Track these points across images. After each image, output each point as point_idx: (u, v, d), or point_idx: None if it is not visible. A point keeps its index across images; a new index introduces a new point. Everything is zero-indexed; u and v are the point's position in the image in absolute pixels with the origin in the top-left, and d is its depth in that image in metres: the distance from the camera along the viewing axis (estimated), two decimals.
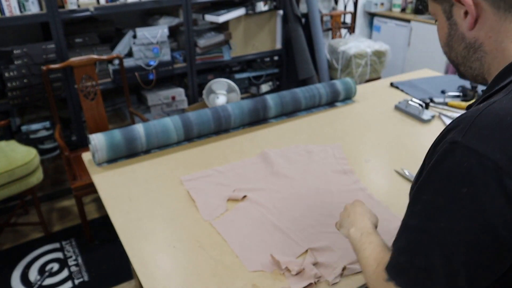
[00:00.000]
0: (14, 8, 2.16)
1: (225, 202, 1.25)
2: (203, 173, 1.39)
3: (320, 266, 1.00)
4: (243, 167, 1.43)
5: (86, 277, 2.08)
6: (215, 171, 1.40)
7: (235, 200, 1.25)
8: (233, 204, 1.24)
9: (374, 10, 4.25)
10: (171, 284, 0.96)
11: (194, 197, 1.27)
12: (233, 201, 1.25)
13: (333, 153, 1.48)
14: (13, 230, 2.41)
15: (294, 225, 1.14)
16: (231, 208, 1.22)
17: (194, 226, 1.15)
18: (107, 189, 1.32)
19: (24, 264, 2.16)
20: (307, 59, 3.20)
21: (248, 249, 1.07)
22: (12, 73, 2.19)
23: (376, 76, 3.49)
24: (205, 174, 1.39)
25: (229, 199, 1.26)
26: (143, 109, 2.92)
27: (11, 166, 2.00)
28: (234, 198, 1.26)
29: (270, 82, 3.35)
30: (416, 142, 1.60)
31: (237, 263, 1.02)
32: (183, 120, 1.56)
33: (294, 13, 3.11)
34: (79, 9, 2.32)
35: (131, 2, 2.46)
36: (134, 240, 1.09)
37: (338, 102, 1.93)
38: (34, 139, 2.46)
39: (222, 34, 2.91)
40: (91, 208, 2.60)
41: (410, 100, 1.80)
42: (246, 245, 1.08)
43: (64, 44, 2.33)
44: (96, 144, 1.41)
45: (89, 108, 2.35)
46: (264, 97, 1.73)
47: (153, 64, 2.64)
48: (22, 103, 2.29)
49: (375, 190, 1.30)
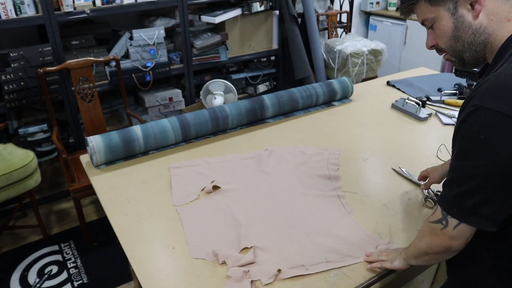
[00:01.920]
0: (10, 11, 2.16)
1: (199, 191, 1.29)
2: (192, 162, 1.43)
3: (257, 265, 1.00)
4: (232, 160, 1.46)
5: (85, 279, 2.08)
6: (203, 162, 1.44)
7: (209, 191, 1.29)
8: (206, 194, 1.28)
9: (370, 9, 4.26)
10: (170, 285, 0.96)
11: (172, 182, 1.31)
12: (208, 192, 1.29)
13: (327, 157, 1.47)
14: (12, 233, 2.41)
15: (252, 220, 1.15)
16: (203, 197, 1.26)
17: None
18: (105, 191, 1.32)
19: (23, 267, 2.16)
20: (303, 59, 3.21)
21: (199, 237, 1.09)
22: (9, 76, 2.18)
23: (372, 75, 3.50)
24: (194, 163, 1.43)
25: (203, 189, 1.30)
26: (141, 111, 2.92)
27: (9, 169, 1.99)
28: (208, 190, 1.29)
29: (267, 82, 3.35)
30: (413, 140, 1.61)
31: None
32: (181, 121, 1.56)
33: (290, 13, 3.11)
34: (75, 11, 2.32)
35: (127, 3, 2.46)
36: (133, 241, 1.10)
37: (335, 101, 1.93)
38: (31, 142, 2.46)
39: (219, 35, 2.91)
40: (90, 210, 2.60)
41: (407, 99, 1.81)
42: (198, 233, 1.11)
43: (60, 47, 2.33)
44: (93, 146, 1.41)
45: (87, 110, 2.34)
46: (261, 97, 1.73)
47: (150, 66, 2.64)
48: (19, 106, 2.29)
49: (372, 189, 1.31)
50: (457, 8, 0.84)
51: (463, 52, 0.87)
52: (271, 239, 1.09)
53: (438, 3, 0.85)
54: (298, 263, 1.01)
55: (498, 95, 0.72)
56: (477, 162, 0.75)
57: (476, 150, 0.75)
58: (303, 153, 1.49)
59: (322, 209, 1.21)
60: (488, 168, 0.74)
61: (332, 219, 1.16)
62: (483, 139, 0.73)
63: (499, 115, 0.71)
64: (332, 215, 1.18)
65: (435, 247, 0.86)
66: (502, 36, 0.82)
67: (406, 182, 1.33)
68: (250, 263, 1.00)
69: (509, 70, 0.75)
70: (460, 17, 0.84)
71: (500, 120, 0.71)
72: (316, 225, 1.14)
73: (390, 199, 1.25)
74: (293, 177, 1.36)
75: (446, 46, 0.89)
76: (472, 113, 0.75)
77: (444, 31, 0.87)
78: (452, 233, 0.81)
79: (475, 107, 0.74)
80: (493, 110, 0.72)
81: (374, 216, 1.18)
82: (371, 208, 1.21)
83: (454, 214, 0.80)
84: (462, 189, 0.78)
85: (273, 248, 1.06)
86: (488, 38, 0.84)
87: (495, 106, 0.72)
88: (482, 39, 0.84)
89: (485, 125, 0.73)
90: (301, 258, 1.02)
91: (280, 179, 1.35)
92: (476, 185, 0.76)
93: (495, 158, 0.72)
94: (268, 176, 1.36)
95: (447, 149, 1.48)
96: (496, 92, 0.73)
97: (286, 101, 1.76)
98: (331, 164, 1.43)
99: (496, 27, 0.82)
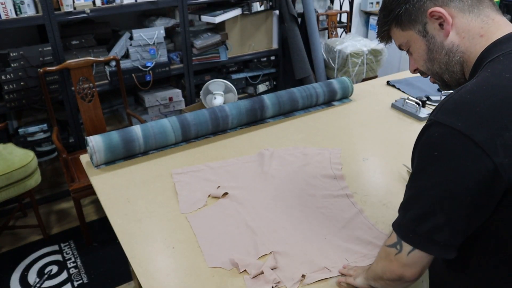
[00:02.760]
0: (10, 11, 2.15)
1: (206, 197, 1.26)
2: (195, 167, 1.41)
3: (280, 270, 0.99)
4: (234, 164, 1.44)
5: (85, 279, 2.08)
6: (206, 166, 1.41)
7: (216, 197, 1.26)
8: (214, 200, 1.26)
9: (370, 9, 4.26)
10: (170, 285, 0.96)
11: (177, 189, 1.28)
12: (215, 197, 1.27)
13: (329, 157, 1.47)
14: (12, 233, 2.41)
15: (266, 226, 1.13)
16: (211, 204, 1.24)
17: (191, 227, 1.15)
18: (105, 191, 1.32)
19: (23, 267, 2.16)
20: (303, 59, 3.21)
21: (213, 245, 1.07)
22: (9, 75, 2.18)
23: (372, 75, 3.50)
24: (196, 168, 1.40)
25: (210, 195, 1.27)
26: (141, 111, 2.92)
27: (9, 169, 1.99)
28: (215, 195, 1.27)
29: (267, 82, 3.35)
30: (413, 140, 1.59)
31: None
32: (181, 121, 1.56)
33: (290, 13, 3.11)
34: (75, 11, 2.32)
35: (127, 3, 2.46)
36: (133, 241, 1.10)
37: (335, 101, 1.93)
38: (31, 142, 2.46)
39: (219, 35, 2.91)
40: (90, 210, 2.60)
41: (407, 99, 1.81)
42: (212, 241, 1.08)
43: (60, 46, 2.33)
44: (93, 146, 1.41)
45: (87, 110, 2.34)
46: (261, 97, 1.73)
47: (150, 66, 2.64)
48: (19, 105, 2.29)
49: (372, 189, 1.31)
50: (427, 30, 0.82)
51: (442, 73, 0.85)
52: (288, 243, 1.07)
53: (408, 26, 0.84)
54: (321, 266, 1.00)
55: (453, 111, 0.69)
56: (430, 182, 0.71)
57: (430, 168, 0.71)
58: (304, 154, 1.49)
59: (333, 209, 1.20)
60: (441, 188, 0.69)
61: (345, 219, 1.16)
62: (436, 156, 0.69)
63: (452, 131, 0.67)
64: (344, 215, 1.18)
65: (388, 273, 0.80)
66: (476, 53, 0.78)
67: (406, 182, 1.33)
68: (272, 268, 0.99)
69: (470, 86, 0.71)
70: (431, 38, 0.82)
71: (453, 136, 0.67)
72: (330, 226, 1.13)
73: (390, 199, 1.25)
74: (298, 178, 1.35)
75: (424, 69, 0.88)
76: (427, 128, 0.72)
77: (420, 54, 0.86)
78: (406, 260, 0.75)
79: (430, 122, 0.72)
80: (446, 126, 0.68)
81: (374, 216, 1.18)
82: (371, 208, 1.21)
83: (408, 239, 0.75)
84: (416, 213, 0.73)
85: (292, 253, 1.04)
86: (462, 57, 0.81)
87: (449, 121, 0.68)
88: (457, 59, 0.81)
89: (438, 141, 0.69)
90: (323, 261, 1.01)
91: (285, 181, 1.34)
92: (430, 208, 0.71)
93: (449, 177, 0.68)
94: (274, 179, 1.35)
95: None
96: (452, 107, 0.70)
97: (286, 101, 1.77)
98: (334, 163, 1.43)
99: (469, 44, 0.79)
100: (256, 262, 1.00)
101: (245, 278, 0.97)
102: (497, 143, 0.65)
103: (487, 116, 0.67)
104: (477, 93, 0.69)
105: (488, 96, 0.68)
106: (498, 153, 0.65)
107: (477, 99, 0.68)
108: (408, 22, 0.84)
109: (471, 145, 0.66)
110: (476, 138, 0.65)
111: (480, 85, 0.70)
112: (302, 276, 0.97)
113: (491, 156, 0.65)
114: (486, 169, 0.65)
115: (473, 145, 0.66)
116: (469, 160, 0.66)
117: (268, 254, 1.04)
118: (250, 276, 0.96)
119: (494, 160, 0.65)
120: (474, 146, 0.65)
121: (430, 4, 0.80)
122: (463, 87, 0.73)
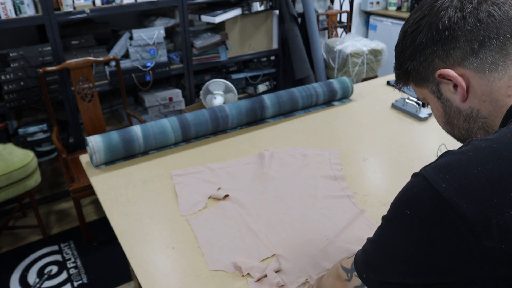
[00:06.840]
0: (9, 11, 2.15)
1: (206, 199, 1.25)
2: (195, 169, 1.40)
3: (283, 273, 0.98)
4: (235, 166, 1.43)
5: (85, 279, 2.08)
6: (206, 168, 1.41)
7: (217, 199, 1.26)
8: (214, 202, 1.25)
9: (370, 9, 4.26)
10: (170, 285, 0.96)
11: (177, 191, 1.28)
12: (215, 199, 1.26)
13: (329, 157, 1.46)
14: (11, 233, 2.41)
15: (267, 228, 1.13)
16: (212, 206, 1.23)
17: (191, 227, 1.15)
18: (105, 191, 1.32)
19: (22, 267, 2.16)
20: (303, 59, 3.21)
21: (215, 248, 1.06)
22: (9, 75, 2.18)
23: (372, 75, 3.50)
24: (196, 170, 1.40)
25: (210, 197, 1.27)
26: (140, 111, 2.92)
27: (8, 169, 1.99)
28: (216, 196, 1.26)
29: (267, 82, 3.35)
30: (413, 140, 1.61)
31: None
32: (181, 121, 1.56)
33: (290, 12, 3.11)
34: (75, 11, 2.32)
35: (127, 3, 2.46)
36: (132, 241, 1.09)
37: (335, 101, 1.93)
38: (31, 142, 2.46)
39: (219, 35, 2.91)
40: (89, 210, 2.60)
41: (407, 99, 1.80)
42: (213, 243, 1.08)
43: (60, 46, 2.33)
44: (93, 146, 1.41)
45: (86, 110, 2.34)
46: (261, 97, 1.73)
47: (149, 65, 2.64)
48: (19, 105, 2.28)
49: (372, 189, 1.31)
50: (440, 91, 0.69)
51: (465, 139, 0.72)
52: (291, 246, 1.06)
53: (422, 84, 0.72)
54: (325, 268, 0.99)
55: (444, 167, 0.55)
56: (394, 241, 0.60)
57: (397, 224, 0.60)
58: (303, 155, 1.48)
59: (335, 210, 1.20)
60: (404, 253, 0.57)
61: (347, 220, 1.15)
62: (407, 215, 0.57)
63: (432, 190, 0.54)
64: (346, 216, 1.17)
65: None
66: (501, 117, 0.64)
67: (406, 182, 1.32)
68: (276, 271, 0.98)
69: (480, 141, 0.58)
70: (446, 101, 0.69)
71: (431, 197, 0.54)
72: (333, 227, 1.13)
73: (390, 199, 1.24)
74: (299, 179, 1.35)
75: (446, 131, 0.75)
76: (413, 176, 0.61)
77: (438, 116, 0.74)
78: None
79: (416, 173, 0.60)
80: (429, 183, 0.55)
81: (374, 216, 1.18)
82: (371, 208, 1.21)
83: (360, 276, 0.67)
84: (374, 261, 0.64)
85: (296, 255, 1.03)
86: (485, 122, 0.66)
87: (433, 179, 0.55)
88: (479, 125, 0.67)
89: (414, 198, 0.57)
90: (327, 263, 1.00)
91: (286, 182, 1.33)
92: (387, 267, 0.60)
93: (415, 245, 0.56)
94: (274, 180, 1.34)
95: (447, 149, 1.47)
96: (446, 161, 0.56)
97: (286, 101, 1.76)
98: (334, 164, 1.42)
99: (492, 108, 0.64)
100: (259, 265, 0.99)
101: (249, 281, 0.96)
102: (492, 222, 0.49)
103: (485, 182, 0.51)
104: (483, 151, 0.54)
105: (497, 157, 0.53)
106: (492, 235, 0.49)
107: (479, 158, 0.54)
108: (419, 80, 0.72)
109: (453, 217, 0.51)
110: (462, 210, 0.51)
111: (492, 141, 0.55)
112: (306, 280, 0.96)
113: (479, 237, 0.50)
114: (470, 252, 0.51)
115: (456, 218, 0.51)
116: (446, 234, 0.52)
117: (270, 257, 1.03)
118: (254, 279, 0.96)
119: (482, 242, 0.50)
120: (457, 220, 0.51)
121: (439, 64, 0.67)
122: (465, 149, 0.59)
